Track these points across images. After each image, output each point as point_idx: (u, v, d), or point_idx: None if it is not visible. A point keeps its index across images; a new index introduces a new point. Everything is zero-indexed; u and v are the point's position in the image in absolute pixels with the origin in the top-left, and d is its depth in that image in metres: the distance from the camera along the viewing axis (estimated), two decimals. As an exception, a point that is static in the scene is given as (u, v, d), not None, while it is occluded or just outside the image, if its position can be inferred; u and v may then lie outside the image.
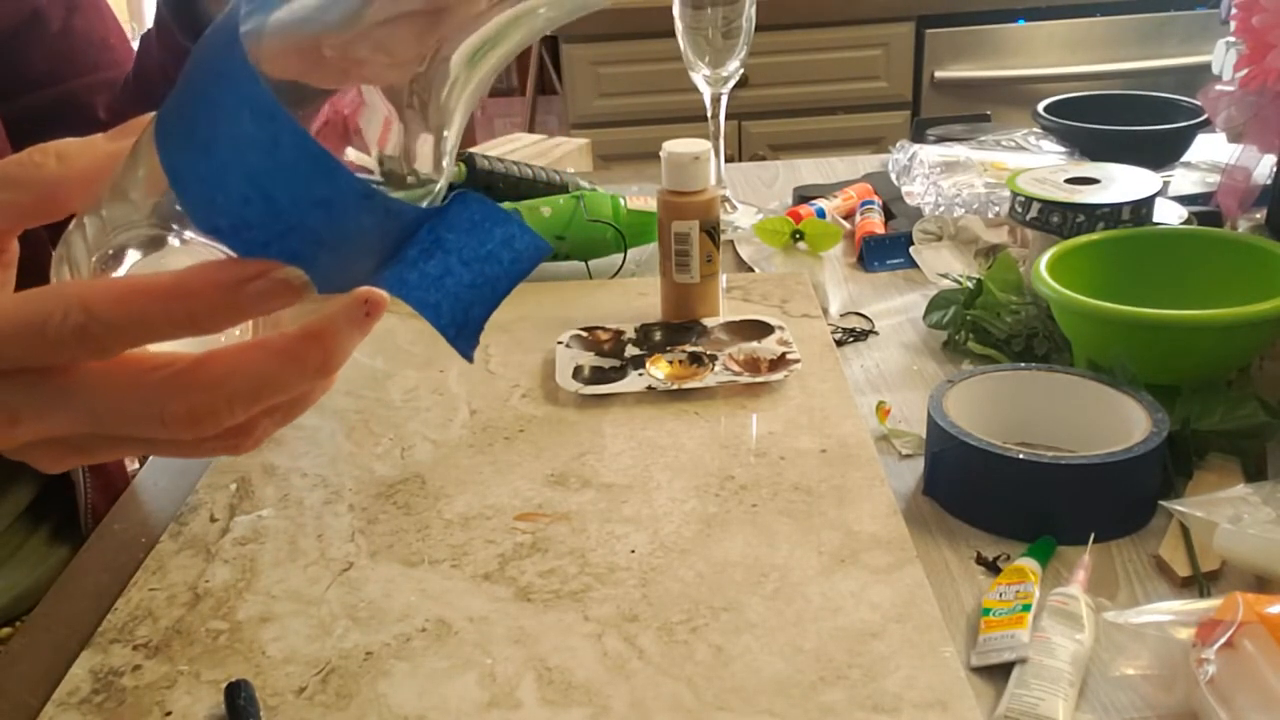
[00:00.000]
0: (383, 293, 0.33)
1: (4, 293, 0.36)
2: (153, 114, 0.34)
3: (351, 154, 0.32)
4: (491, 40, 0.32)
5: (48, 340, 0.31)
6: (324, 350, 0.33)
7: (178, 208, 0.31)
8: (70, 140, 0.36)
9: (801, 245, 0.97)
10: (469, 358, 0.33)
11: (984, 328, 0.81)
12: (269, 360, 0.33)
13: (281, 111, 0.29)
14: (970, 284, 0.85)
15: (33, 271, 0.38)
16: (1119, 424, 0.64)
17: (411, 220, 0.32)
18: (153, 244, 0.33)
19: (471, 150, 1.05)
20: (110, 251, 0.33)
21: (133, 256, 0.33)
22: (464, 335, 0.33)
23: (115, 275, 0.33)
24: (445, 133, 0.33)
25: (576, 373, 0.79)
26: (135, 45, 0.83)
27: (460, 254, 0.32)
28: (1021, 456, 0.60)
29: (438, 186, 0.34)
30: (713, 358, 0.79)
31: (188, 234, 0.32)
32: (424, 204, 0.34)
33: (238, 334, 0.36)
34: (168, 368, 0.33)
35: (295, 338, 0.33)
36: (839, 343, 0.85)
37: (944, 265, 0.96)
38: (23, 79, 0.77)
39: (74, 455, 0.36)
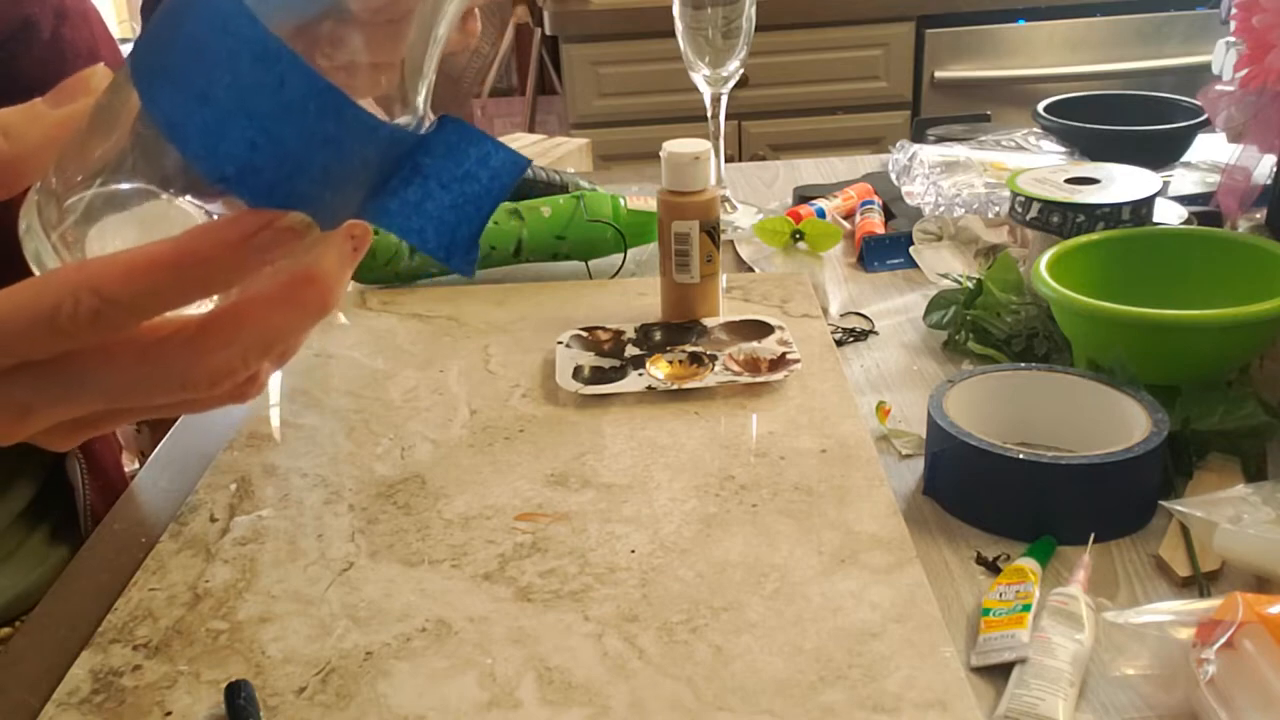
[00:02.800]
0: (364, 224, 0.34)
1: None
2: (92, 71, 0.34)
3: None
4: None
5: (60, 331, 0.31)
6: (322, 291, 0.34)
7: (143, 159, 0.31)
8: (10, 112, 0.35)
9: (801, 245, 0.97)
10: (467, 273, 0.33)
11: (984, 328, 0.81)
12: (274, 310, 0.33)
13: (286, 50, 0.28)
14: (970, 284, 0.85)
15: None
16: (1119, 424, 0.64)
17: (409, 147, 0.32)
18: (117, 200, 0.32)
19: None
20: (78, 214, 0.33)
21: (102, 214, 0.32)
22: (455, 254, 0.33)
23: (91, 238, 0.32)
24: (427, 68, 0.34)
25: (576, 373, 0.79)
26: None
27: (439, 177, 0.33)
28: (1021, 456, 0.60)
29: (421, 114, 0.34)
30: (713, 358, 0.79)
31: (154, 187, 0.31)
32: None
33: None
34: (179, 334, 0.33)
35: (295, 284, 0.33)
36: (839, 343, 0.85)
37: (944, 265, 0.96)
38: (12, 87, 0.76)
39: (87, 430, 0.36)
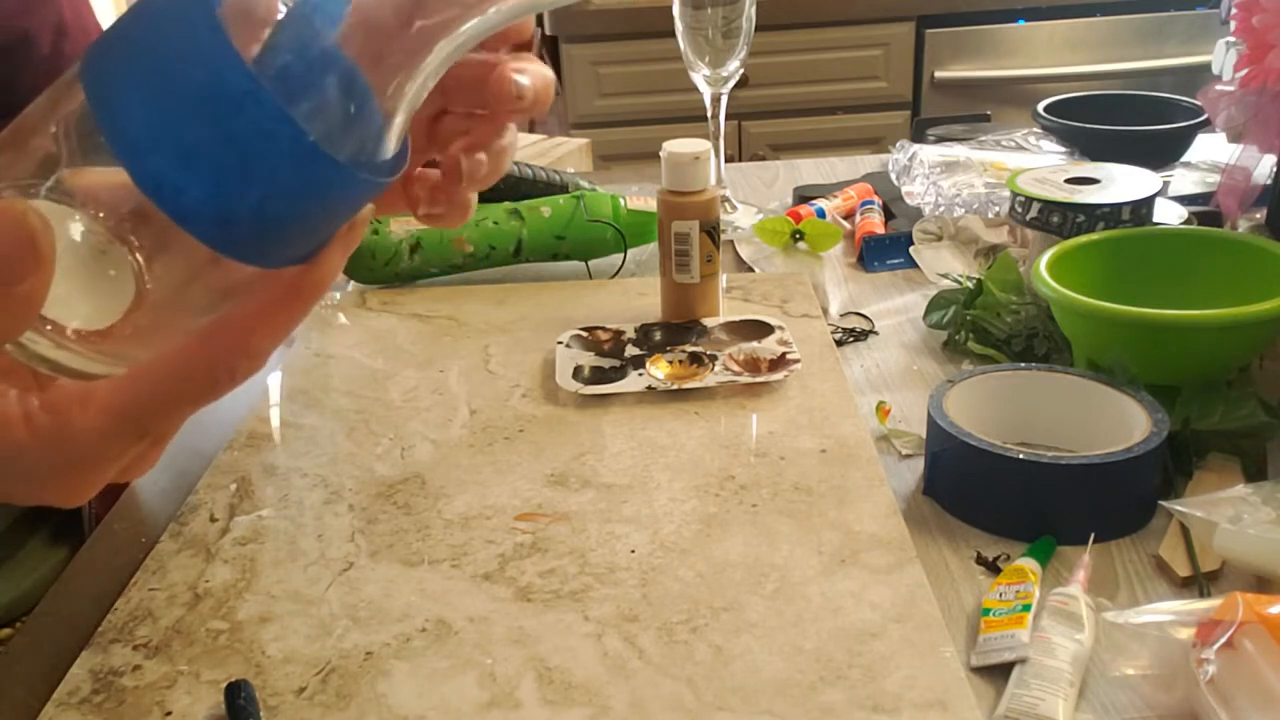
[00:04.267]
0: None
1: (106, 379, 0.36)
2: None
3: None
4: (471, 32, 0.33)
5: (218, 391, 0.34)
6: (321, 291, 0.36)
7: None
8: None
9: (801, 245, 0.97)
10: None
11: (984, 328, 0.81)
12: (287, 311, 0.35)
13: (359, 177, 0.30)
14: (970, 284, 0.85)
15: None
16: (1119, 424, 0.64)
17: None
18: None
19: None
20: None
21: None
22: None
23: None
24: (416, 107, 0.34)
25: (576, 373, 0.79)
26: None
27: None
28: (1021, 456, 0.60)
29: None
30: (713, 358, 0.79)
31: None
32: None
33: None
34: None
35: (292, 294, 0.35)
36: (839, 343, 0.85)
37: (944, 265, 0.96)
38: (10, 102, 0.76)
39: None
